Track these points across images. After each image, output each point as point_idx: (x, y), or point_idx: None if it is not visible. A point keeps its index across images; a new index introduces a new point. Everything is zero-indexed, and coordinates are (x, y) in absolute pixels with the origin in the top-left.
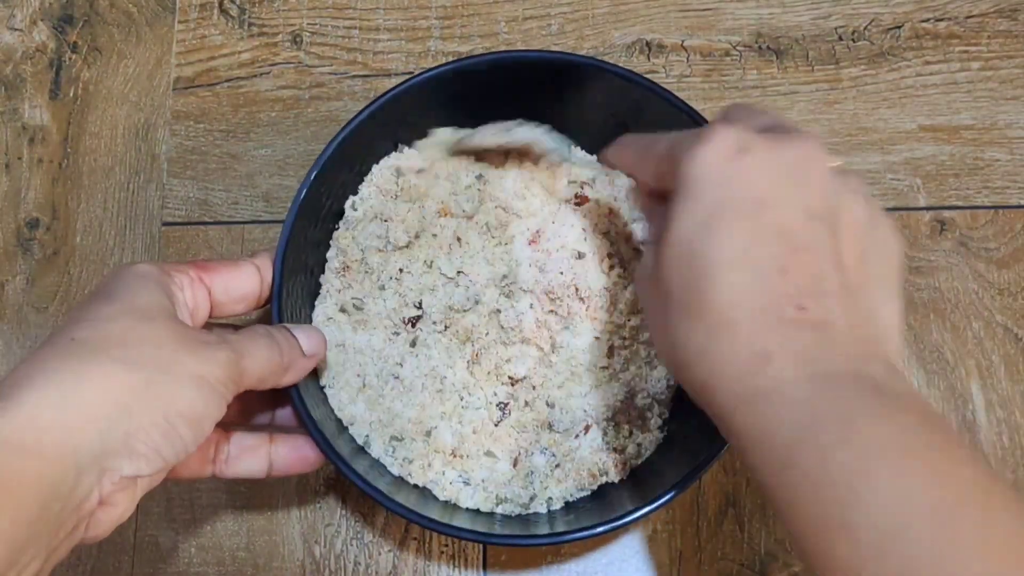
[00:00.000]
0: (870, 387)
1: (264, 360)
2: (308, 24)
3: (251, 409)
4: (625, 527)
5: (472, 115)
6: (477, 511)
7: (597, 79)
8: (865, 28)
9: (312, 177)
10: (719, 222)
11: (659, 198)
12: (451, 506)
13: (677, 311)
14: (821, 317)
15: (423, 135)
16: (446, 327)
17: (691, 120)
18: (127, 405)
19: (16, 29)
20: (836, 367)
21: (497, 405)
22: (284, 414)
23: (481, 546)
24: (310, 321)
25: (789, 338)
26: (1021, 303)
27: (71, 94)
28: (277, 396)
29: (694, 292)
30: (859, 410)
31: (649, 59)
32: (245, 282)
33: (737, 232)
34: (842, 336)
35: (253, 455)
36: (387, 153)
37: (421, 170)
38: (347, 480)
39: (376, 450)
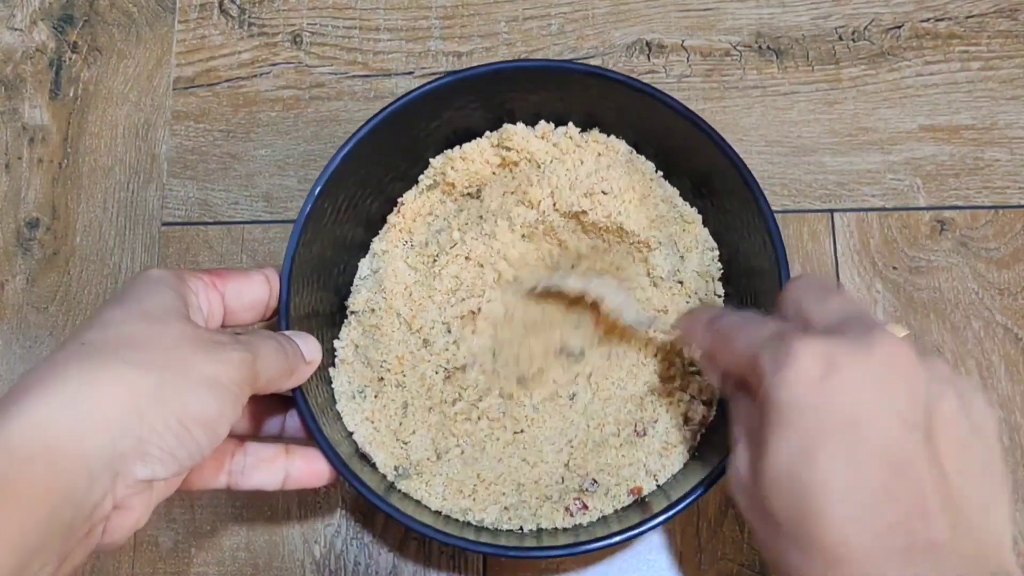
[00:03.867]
0: None
1: (274, 362)
2: (308, 24)
3: (261, 417)
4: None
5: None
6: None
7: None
8: (865, 28)
9: (316, 192)
10: (817, 450)
11: (737, 381)
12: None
13: (788, 541)
14: (930, 539)
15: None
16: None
17: (689, 123)
18: (138, 407)
19: (16, 29)
20: None
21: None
22: (292, 425)
23: None
24: (332, 344)
25: (902, 567)
26: (1021, 303)
27: (71, 94)
28: (287, 405)
29: (802, 526)
30: None
31: (649, 59)
32: (255, 290)
33: (837, 458)
34: (952, 554)
35: (269, 467)
36: (396, 169)
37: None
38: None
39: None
